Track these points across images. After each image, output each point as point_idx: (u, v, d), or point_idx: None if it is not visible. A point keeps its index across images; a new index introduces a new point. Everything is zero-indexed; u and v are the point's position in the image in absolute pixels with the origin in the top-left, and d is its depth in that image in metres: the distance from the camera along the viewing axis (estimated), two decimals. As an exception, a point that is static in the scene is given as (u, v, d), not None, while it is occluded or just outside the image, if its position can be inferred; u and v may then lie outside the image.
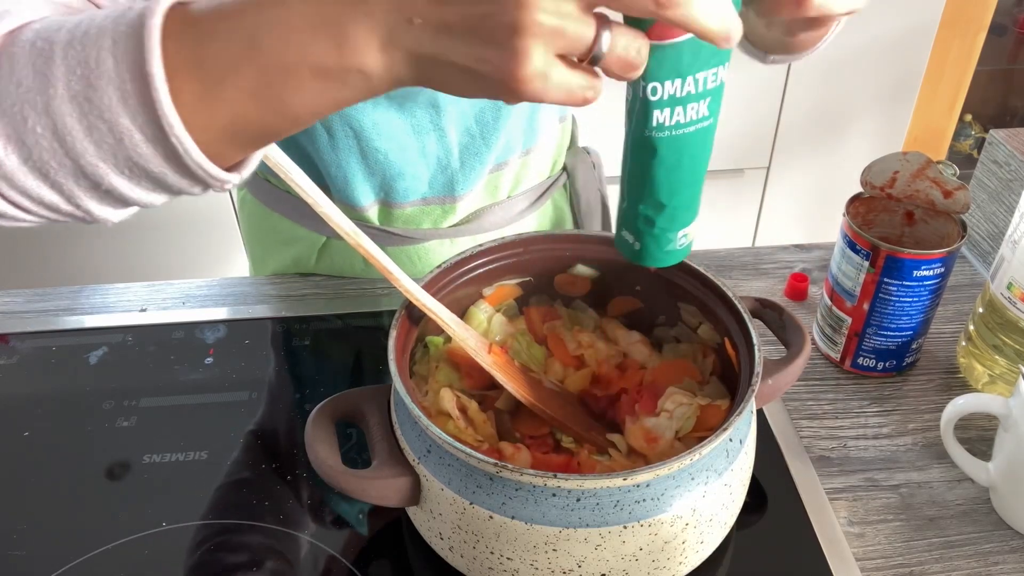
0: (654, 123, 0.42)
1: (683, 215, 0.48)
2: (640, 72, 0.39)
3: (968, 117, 2.20)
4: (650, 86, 0.41)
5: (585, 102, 0.40)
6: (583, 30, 0.37)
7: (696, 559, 0.53)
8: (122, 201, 0.45)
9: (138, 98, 0.40)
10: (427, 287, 0.57)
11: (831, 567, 0.57)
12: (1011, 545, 0.59)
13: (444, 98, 0.72)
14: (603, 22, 0.37)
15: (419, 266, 0.81)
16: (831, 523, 0.60)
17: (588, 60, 0.38)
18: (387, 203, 0.78)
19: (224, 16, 0.40)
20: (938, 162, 0.68)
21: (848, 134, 1.90)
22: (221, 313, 0.79)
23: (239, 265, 1.86)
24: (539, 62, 0.37)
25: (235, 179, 0.45)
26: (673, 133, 0.43)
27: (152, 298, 0.81)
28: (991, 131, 0.86)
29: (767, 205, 1.99)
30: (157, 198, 0.45)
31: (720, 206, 1.96)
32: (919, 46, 1.80)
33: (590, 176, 0.88)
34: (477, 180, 0.78)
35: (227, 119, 0.41)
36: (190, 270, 1.87)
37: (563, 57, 0.38)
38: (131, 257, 1.86)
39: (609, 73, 0.39)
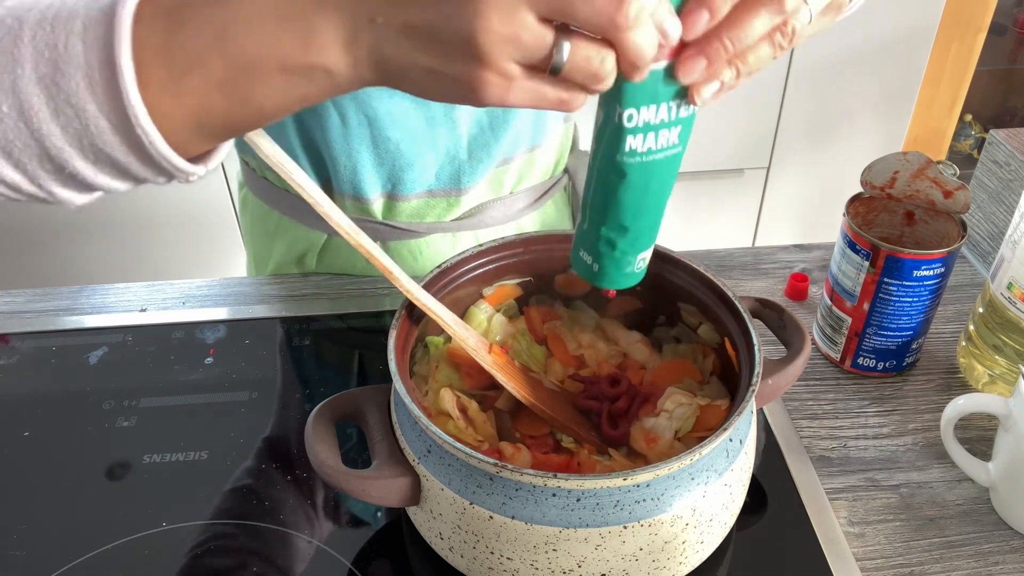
0: (627, 148, 0.42)
1: (644, 239, 0.48)
2: (607, 84, 0.39)
3: (968, 117, 2.20)
4: (627, 112, 0.41)
5: (561, 107, 0.40)
6: (539, 38, 0.37)
7: (696, 559, 0.53)
8: (86, 186, 0.44)
9: (105, 87, 0.40)
10: (427, 287, 0.57)
11: (831, 567, 0.57)
12: (1011, 545, 0.59)
13: None
14: (563, 32, 0.37)
15: (420, 260, 0.81)
16: (831, 523, 0.60)
17: (548, 70, 0.38)
18: (393, 195, 0.78)
19: (196, 6, 0.40)
20: (938, 162, 0.68)
21: (848, 134, 1.90)
22: (221, 313, 0.79)
23: (239, 265, 1.86)
24: (499, 66, 0.37)
25: (200, 171, 0.44)
26: (644, 159, 0.43)
27: (152, 298, 0.81)
28: (991, 131, 0.86)
29: (767, 205, 1.99)
30: (121, 185, 0.45)
31: (720, 206, 1.97)
32: (919, 46, 1.80)
33: None
34: (483, 173, 0.78)
35: (193, 109, 0.41)
36: (190, 270, 1.87)
37: (529, 66, 0.38)
38: (131, 257, 1.86)
39: (573, 84, 0.39)
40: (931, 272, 0.65)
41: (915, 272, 0.65)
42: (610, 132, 0.42)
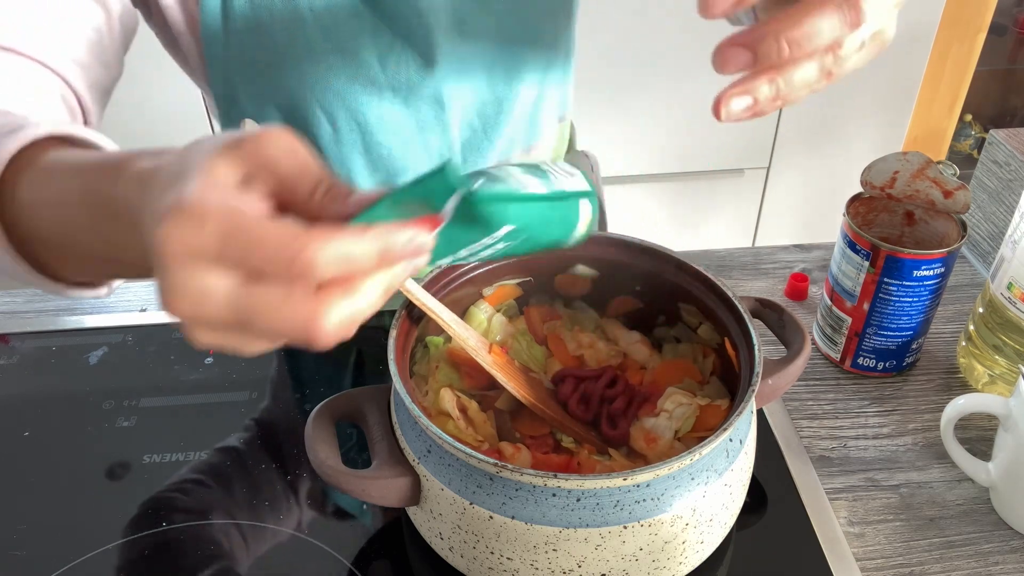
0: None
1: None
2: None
3: (968, 117, 2.20)
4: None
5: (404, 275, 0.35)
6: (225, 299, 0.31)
7: (696, 559, 0.53)
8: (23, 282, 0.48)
9: None
10: (427, 287, 0.57)
11: (831, 567, 0.57)
12: (1011, 545, 0.59)
13: (448, 94, 0.72)
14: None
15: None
16: (831, 523, 0.60)
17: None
18: None
19: (49, 204, 0.42)
20: (938, 162, 0.68)
21: (848, 134, 1.90)
22: (221, 313, 0.78)
23: (239, 265, 1.86)
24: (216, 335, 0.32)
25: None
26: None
27: (152, 298, 0.81)
28: (991, 131, 0.86)
29: (767, 205, 1.99)
30: (50, 292, 0.48)
31: (720, 206, 1.96)
32: (919, 46, 1.80)
33: None
34: None
35: (75, 267, 0.45)
36: (190, 270, 1.87)
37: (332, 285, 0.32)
38: (131, 257, 1.86)
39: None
40: (931, 272, 0.65)
41: (915, 272, 0.65)
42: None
